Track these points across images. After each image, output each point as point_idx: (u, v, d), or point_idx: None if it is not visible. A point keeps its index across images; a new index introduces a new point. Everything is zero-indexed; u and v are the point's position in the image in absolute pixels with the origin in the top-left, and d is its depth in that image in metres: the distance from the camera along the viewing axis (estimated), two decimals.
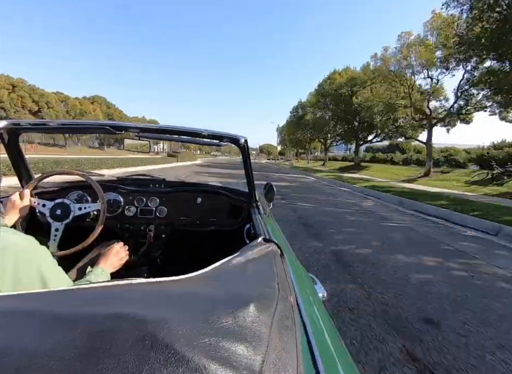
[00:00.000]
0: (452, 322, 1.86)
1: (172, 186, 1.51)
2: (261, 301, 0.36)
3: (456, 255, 3.25)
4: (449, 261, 3.02)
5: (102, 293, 0.35)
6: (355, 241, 3.61)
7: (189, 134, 1.10)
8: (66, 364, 0.23)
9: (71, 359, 0.23)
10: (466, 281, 2.57)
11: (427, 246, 3.57)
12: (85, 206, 1.17)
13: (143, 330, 0.26)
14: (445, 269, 2.81)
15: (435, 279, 2.54)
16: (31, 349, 0.24)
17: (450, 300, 2.16)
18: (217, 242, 1.46)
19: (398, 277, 2.54)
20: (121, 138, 1.28)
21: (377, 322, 1.80)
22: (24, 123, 1.04)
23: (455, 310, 2.02)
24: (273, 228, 1.14)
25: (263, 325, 0.32)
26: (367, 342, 1.59)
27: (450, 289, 2.36)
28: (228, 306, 0.33)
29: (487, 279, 2.62)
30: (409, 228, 4.50)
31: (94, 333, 0.26)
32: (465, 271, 2.77)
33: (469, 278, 2.62)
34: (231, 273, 0.46)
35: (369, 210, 6.17)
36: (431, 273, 2.69)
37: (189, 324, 0.28)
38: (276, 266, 0.52)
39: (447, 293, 2.26)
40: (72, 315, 0.29)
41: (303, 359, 0.32)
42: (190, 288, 0.38)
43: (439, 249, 3.48)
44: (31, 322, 0.27)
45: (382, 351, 1.52)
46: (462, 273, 2.74)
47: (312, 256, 2.95)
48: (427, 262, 2.98)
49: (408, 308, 2.01)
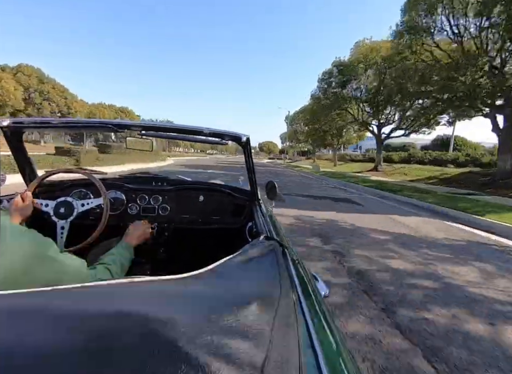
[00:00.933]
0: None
1: (175, 184, 1.51)
2: (263, 299, 0.36)
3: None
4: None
5: (105, 290, 0.35)
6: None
7: (190, 132, 1.10)
8: (70, 363, 0.23)
9: (75, 358, 0.23)
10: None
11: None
12: (88, 202, 1.18)
13: (146, 328, 0.26)
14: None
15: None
16: (36, 348, 0.24)
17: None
18: (219, 240, 1.46)
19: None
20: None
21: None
22: (28, 121, 1.05)
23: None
24: (275, 226, 1.14)
25: (265, 323, 0.32)
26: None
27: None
28: (230, 304, 0.33)
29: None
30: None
31: (97, 332, 0.26)
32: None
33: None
34: (234, 271, 0.46)
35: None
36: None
37: (191, 322, 0.28)
38: (278, 264, 0.52)
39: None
40: (75, 314, 0.29)
41: (304, 356, 0.32)
42: (192, 286, 0.38)
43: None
44: (35, 321, 0.28)
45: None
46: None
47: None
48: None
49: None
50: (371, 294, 2.15)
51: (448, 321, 1.85)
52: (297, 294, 0.47)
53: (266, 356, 0.28)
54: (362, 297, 2.11)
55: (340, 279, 2.39)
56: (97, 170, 1.32)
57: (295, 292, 0.47)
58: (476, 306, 2.08)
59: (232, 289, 0.40)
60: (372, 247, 3.33)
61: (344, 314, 1.86)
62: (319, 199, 7.01)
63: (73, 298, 0.33)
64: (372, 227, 4.33)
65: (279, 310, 0.36)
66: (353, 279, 2.39)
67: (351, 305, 1.98)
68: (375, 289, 2.25)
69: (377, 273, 2.57)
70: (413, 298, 2.14)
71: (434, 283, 2.44)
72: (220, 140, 1.12)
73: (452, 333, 1.72)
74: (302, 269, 0.67)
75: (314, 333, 0.40)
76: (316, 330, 0.41)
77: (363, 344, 1.56)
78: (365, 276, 2.47)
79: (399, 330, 1.71)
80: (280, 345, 0.31)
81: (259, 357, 0.27)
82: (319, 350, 0.37)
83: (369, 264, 2.75)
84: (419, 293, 2.22)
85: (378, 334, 1.66)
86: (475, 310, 2.02)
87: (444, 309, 1.99)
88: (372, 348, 1.53)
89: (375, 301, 2.06)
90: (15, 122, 1.01)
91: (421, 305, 2.04)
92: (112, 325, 0.27)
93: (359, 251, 3.15)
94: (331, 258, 2.87)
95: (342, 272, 2.55)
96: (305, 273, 0.67)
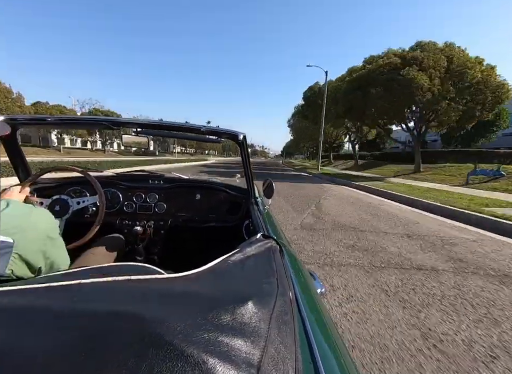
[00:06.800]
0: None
1: (171, 182, 1.51)
2: (260, 297, 0.36)
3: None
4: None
5: (100, 288, 0.35)
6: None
7: (187, 130, 1.09)
8: (66, 362, 0.23)
9: (70, 357, 0.23)
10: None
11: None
12: (83, 200, 1.17)
13: (142, 326, 0.26)
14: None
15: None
16: (31, 348, 0.24)
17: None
18: (216, 238, 1.46)
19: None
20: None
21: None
22: (21, 118, 1.03)
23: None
24: (272, 224, 1.14)
25: (262, 321, 0.32)
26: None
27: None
28: (227, 303, 0.33)
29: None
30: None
31: (93, 331, 0.26)
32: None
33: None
34: (230, 269, 0.46)
35: None
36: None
37: (187, 320, 0.28)
38: (275, 261, 0.52)
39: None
40: (71, 313, 0.29)
41: (301, 353, 0.33)
42: (189, 285, 0.38)
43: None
44: (29, 319, 0.27)
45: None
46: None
47: None
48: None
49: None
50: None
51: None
52: (294, 292, 0.47)
53: (263, 354, 0.28)
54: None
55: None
56: (92, 168, 1.31)
57: (292, 289, 0.47)
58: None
59: (229, 287, 0.40)
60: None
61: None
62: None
63: (68, 295, 0.33)
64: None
65: (276, 308, 0.36)
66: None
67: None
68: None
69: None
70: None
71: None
72: (217, 139, 1.12)
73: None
74: (299, 267, 0.67)
75: (311, 331, 0.40)
76: (312, 327, 0.41)
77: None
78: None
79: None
80: (277, 342, 0.31)
81: (256, 354, 0.27)
82: (316, 347, 0.37)
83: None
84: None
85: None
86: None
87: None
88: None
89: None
90: (9, 119, 0.99)
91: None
92: (108, 324, 0.27)
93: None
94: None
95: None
96: (302, 270, 0.67)
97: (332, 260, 2.54)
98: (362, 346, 1.39)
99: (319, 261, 2.51)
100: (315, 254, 2.68)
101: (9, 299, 0.32)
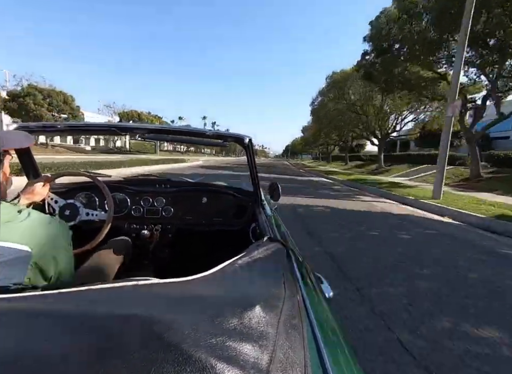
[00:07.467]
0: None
1: (178, 186, 1.52)
2: (268, 301, 0.36)
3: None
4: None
5: (110, 293, 0.36)
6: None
7: (193, 134, 1.10)
8: (75, 366, 0.23)
9: (80, 361, 0.24)
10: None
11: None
12: (93, 214, 1.20)
13: (151, 331, 0.26)
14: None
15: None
16: (41, 351, 0.24)
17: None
18: (223, 241, 1.46)
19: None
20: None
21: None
22: (33, 126, 1.06)
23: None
24: (279, 227, 1.13)
25: (270, 325, 0.32)
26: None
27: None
28: (235, 307, 0.33)
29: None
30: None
31: (102, 335, 0.26)
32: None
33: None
34: (238, 273, 0.46)
35: None
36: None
37: (196, 324, 0.28)
38: (282, 265, 0.52)
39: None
40: (80, 317, 0.29)
41: (310, 358, 0.32)
42: (197, 289, 0.38)
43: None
44: (40, 324, 0.28)
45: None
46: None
47: None
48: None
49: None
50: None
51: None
52: (301, 296, 0.47)
53: (272, 358, 0.28)
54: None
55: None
56: (101, 173, 1.33)
57: (300, 293, 0.47)
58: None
59: (237, 292, 0.40)
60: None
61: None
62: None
63: (78, 301, 0.33)
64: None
65: (283, 312, 0.36)
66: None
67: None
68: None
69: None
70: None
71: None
72: (222, 142, 1.13)
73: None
74: (306, 270, 0.66)
75: (319, 335, 0.39)
76: (321, 331, 0.41)
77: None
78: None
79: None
80: (285, 347, 0.31)
81: (264, 359, 0.27)
82: (324, 351, 0.36)
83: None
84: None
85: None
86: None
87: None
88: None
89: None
90: (21, 127, 1.02)
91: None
92: (117, 328, 0.27)
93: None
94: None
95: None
96: (309, 274, 0.67)
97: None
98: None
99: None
100: None
101: (17, 305, 0.32)
